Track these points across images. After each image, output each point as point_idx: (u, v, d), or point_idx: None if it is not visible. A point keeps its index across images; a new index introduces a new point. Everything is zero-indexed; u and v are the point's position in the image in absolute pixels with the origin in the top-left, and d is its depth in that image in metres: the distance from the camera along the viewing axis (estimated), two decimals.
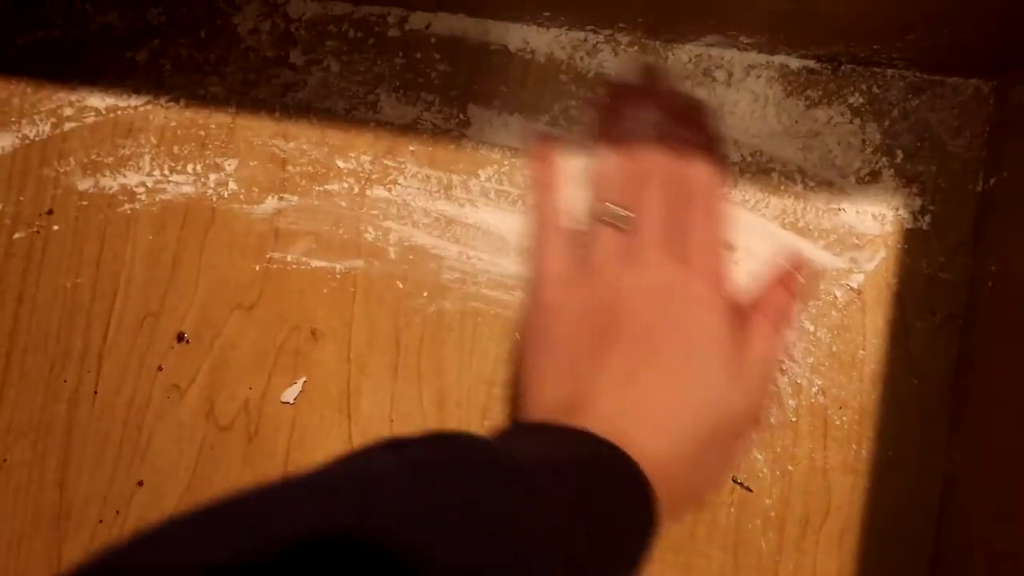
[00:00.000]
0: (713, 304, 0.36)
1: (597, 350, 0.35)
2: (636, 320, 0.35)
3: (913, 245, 0.41)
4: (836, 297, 0.41)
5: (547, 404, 0.35)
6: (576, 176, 0.41)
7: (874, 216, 0.42)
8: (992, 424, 0.37)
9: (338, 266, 0.44)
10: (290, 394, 0.44)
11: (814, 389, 0.41)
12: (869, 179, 0.42)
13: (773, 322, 0.38)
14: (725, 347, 0.35)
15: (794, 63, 0.43)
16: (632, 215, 0.38)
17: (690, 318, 0.35)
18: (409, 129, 0.45)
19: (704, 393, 0.34)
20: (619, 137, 0.40)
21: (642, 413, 0.33)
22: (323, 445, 0.44)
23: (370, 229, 0.44)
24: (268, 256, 0.45)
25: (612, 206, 0.38)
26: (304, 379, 0.44)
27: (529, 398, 0.37)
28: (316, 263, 0.45)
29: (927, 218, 0.42)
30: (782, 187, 0.42)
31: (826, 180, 0.42)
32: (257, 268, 0.45)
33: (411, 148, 0.45)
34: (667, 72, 0.43)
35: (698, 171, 0.39)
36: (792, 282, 0.40)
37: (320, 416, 0.44)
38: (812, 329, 0.41)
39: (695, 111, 0.42)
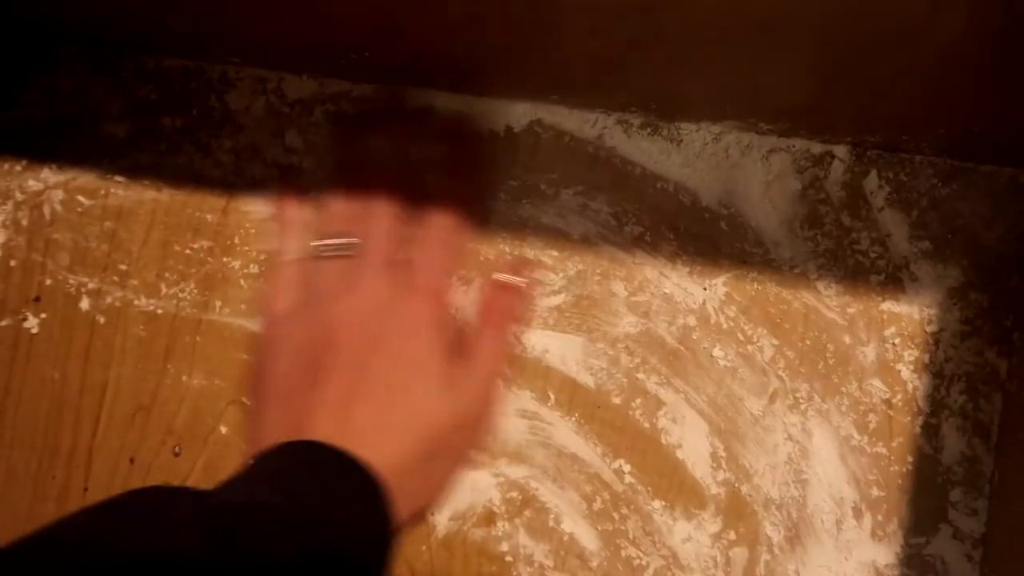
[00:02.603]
0: (427, 321, 0.36)
1: (312, 380, 0.35)
2: (348, 345, 0.36)
3: (943, 345, 0.39)
4: (868, 399, 0.39)
5: (267, 441, 0.34)
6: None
7: (901, 313, 0.39)
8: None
9: None
10: None
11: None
12: (896, 272, 0.40)
13: (496, 328, 0.39)
14: (440, 361, 0.36)
15: (816, 148, 0.41)
16: (355, 241, 0.38)
17: (402, 337, 0.36)
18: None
19: (419, 408, 0.35)
20: (350, 167, 0.40)
21: (357, 435, 0.34)
22: None
23: None
24: None
25: (332, 238, 0.38)
26: None
27: (252, 441, 0.37)
28: None
29: (957, 315, 0.39)
30: (803, 280, 0.40)
31: (850, 273, 0.40)
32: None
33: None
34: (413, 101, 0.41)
35: (437, 200, 0.39)
36: (512, 286, 0.40)
37: None
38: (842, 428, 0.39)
39: (457, 142, 0.41)
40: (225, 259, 0.43)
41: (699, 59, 0.34)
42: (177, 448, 0.43)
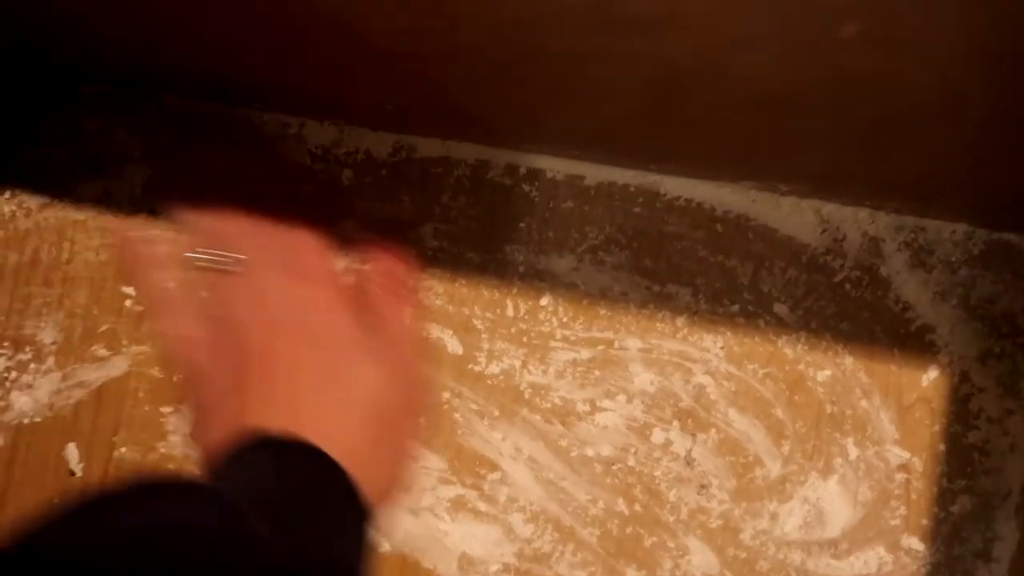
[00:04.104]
0: (331, 302, 0.37)
1: (249, 380, 0.35)
2: (270, 343, 0.36)
3: (962, 411, 0.39)
4: (885, 465, 0.39)
5: (219, 442, 0.34)
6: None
7: (920, 378, 0.39)
8: None
9: None
10: None
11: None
12: (915, 337, 0.39)
13: (393, 291, 0.39)
14: (356, 335, 0.36)
15: (828, 209, 0.40)
16: (239, 256, 0.38)
17: (315, 322, 0.36)
18: (432, 262, 0.43)
19: (356, 384, 0.35)
20: (201, 186, 0.41)
21: (308, 424, 0.33)
22: None
23: None
24: None
25: (215, 252, 0.38)
26: None
27: (202, 445, 0.36)
28: None
29: (977, 381, 0.39)
30: (820, 342, 0.40)
31: (868, 337, 0.40)
32: None
33: (427, 286, 0.43)
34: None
35: (293, 213, 0.39)
36: (392, 247, 0.40)
37: None
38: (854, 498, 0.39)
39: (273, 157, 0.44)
40: None
41: (717, 126, 0.34)
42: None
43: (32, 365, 0.44)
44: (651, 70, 0.30)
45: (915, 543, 0.38)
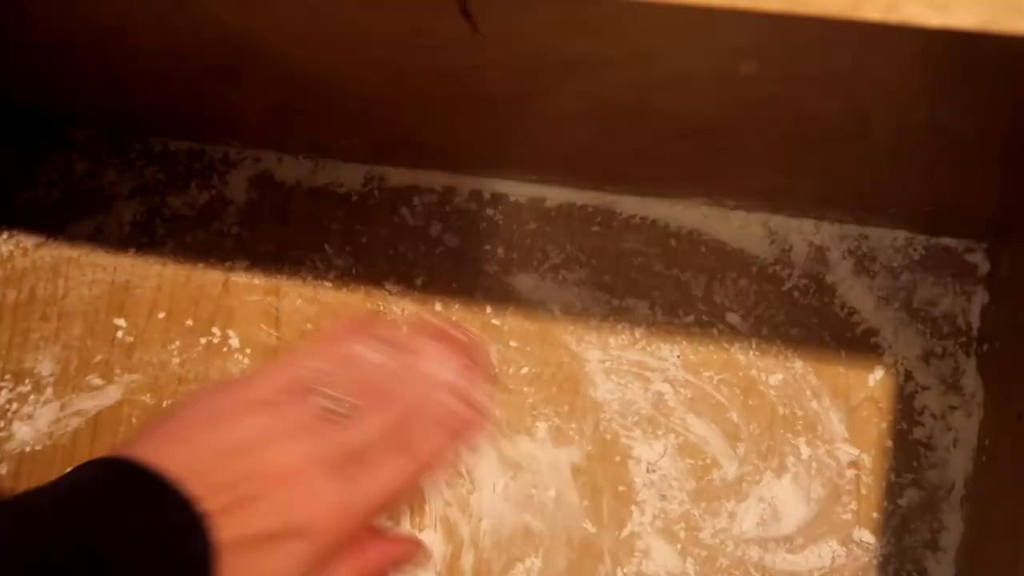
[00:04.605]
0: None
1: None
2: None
3: (906, 412, 0.41)
4: (836, 462, 0.41)
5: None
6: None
7: (866, 379, 0.41)
8: None
9: None
10: None
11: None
12: (860, 340, 0.42)
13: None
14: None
15: (781, 222, 0.43)
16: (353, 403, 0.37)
17: None
18: (403, 287, 0.45)
19: None
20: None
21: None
22: None
23: None
24: None
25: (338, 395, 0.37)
26: None
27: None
28: None
29: (918, 383, 0.41)
30: (772, 347, 0.42)
31: (816, 341, 0.42)
32: None
33: (399, 309, 0.45)
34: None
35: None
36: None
37: None
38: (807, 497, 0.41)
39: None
40: (226, 331, 0.46)
41: (660, 152, 0.36)
42: None
43: (32, 396, 0.47)
44: (592, 106, 0.33)
45: (866, 536, 0.40)
